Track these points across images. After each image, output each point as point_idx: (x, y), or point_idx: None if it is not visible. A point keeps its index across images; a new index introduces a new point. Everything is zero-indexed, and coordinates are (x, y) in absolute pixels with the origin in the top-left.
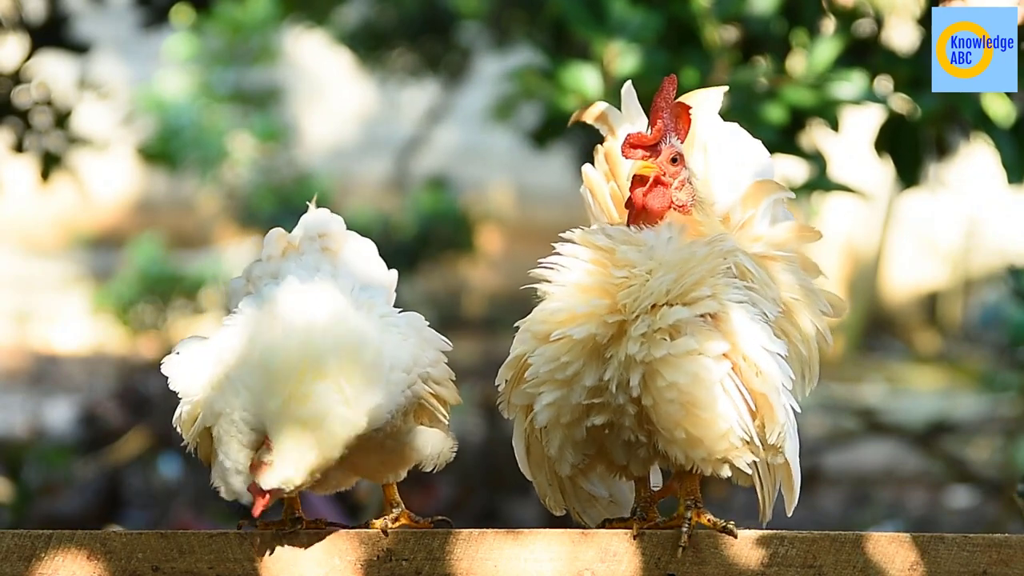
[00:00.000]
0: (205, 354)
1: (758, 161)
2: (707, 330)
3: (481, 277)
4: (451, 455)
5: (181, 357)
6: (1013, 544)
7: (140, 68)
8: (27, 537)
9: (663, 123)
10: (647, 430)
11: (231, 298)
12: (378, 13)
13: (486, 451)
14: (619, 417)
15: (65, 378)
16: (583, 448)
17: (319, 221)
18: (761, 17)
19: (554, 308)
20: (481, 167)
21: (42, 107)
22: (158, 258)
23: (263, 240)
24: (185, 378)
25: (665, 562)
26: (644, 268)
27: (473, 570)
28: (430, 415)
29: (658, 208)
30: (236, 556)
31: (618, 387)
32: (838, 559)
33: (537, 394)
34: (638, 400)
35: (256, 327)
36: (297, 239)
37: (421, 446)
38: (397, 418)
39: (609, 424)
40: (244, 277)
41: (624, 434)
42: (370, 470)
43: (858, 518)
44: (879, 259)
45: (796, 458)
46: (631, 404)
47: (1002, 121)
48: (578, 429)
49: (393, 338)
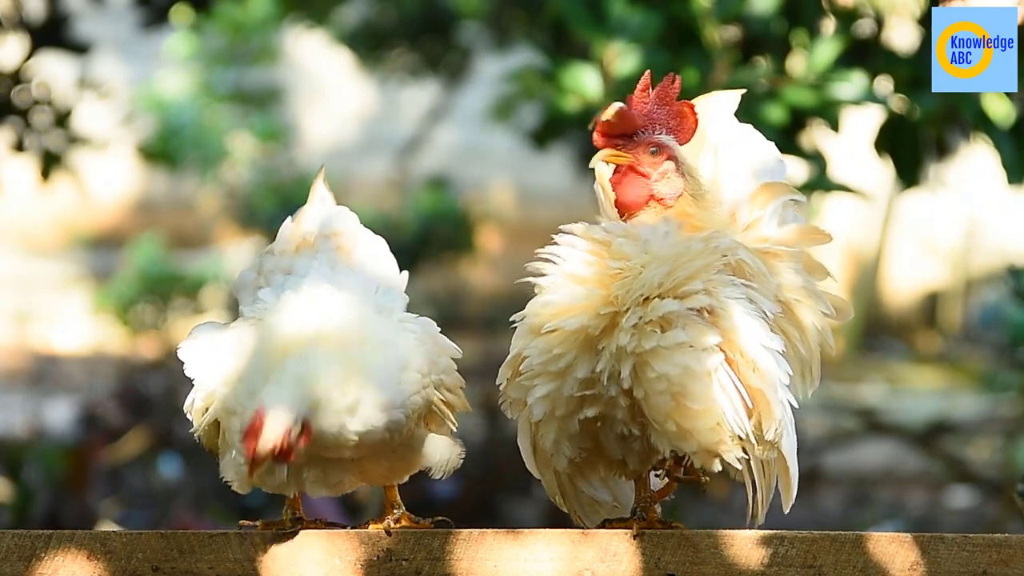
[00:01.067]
0: (222, 344)
1: (768, 163)
2: (699, 323)
3: (481, 277)
4: (459, 462)
5: (199, 343)
6: (1013, 544)
7: (140, 68)
8: (27, 537)
9: (644, 113)
10: (640, 423)
11: (240, 290)
12: (378, 13)
13: (486, 451)
14: (612, 409)
15: (65, 378)
16: (578, 442)
17: (334, 218)
18: (761, 17)
19: (547, 300)
20: (481, 167)
21: (42, 107)
22: (158, 258)
23: (277, 233)
24: (201, 366)
25: (665, 562)
26: (639, 261)
27: (473, 570)
28: (438, 421)
29: (631, 199)
30: (236, 556)
31: (609, 378)
32: (838, 559)
33: (531, 386)
34: (630, 392)
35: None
36: (312, 236)
37: (431, 453)
38: (412, 420)
39: (602, 417)
40: (255, 270)
41: (617, 427)
42: (378, 476)
43: (858, 518)
44: (879, 259)
45: (794, 454)
46: (623, 396)
47: (1002, 121)
48: (571, 422)
49: (409, 342)
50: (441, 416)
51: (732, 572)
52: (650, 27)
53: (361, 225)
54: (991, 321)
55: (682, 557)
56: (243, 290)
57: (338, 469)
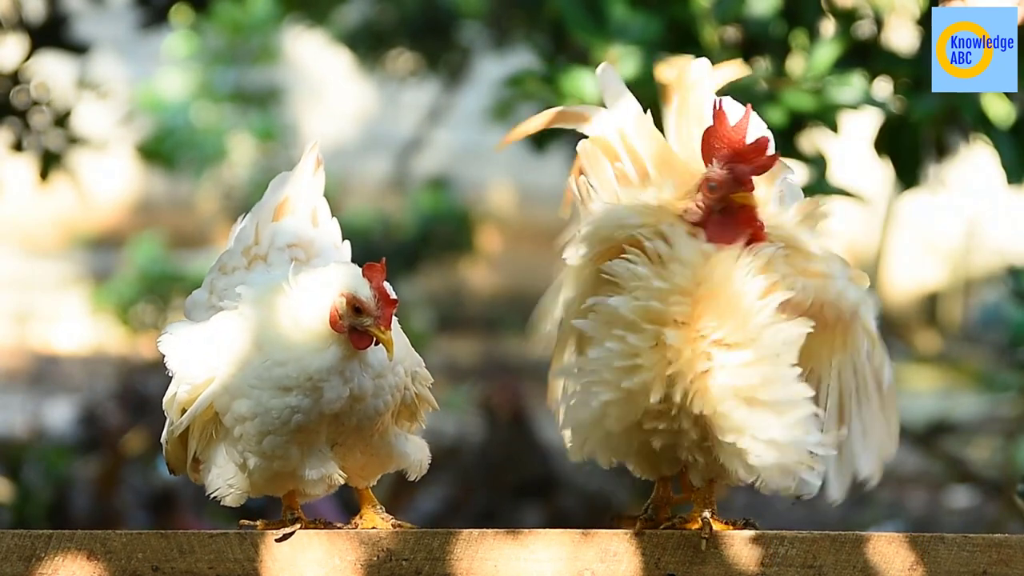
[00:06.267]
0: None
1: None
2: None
3: (481, 277)
4: (427, 466)
5: (179, 337)
6: (1013, 544)
7: (140, 68)
8: (27, 537)
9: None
10: (705, 448)
11: (192, 311)
12: (378, 13)
13: (486, 451)
14: (678, 439)
15: (65, 378)
16: (621, 456)
17: (288, 230)
18: (761, 19)
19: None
20: (481, 167)
21: (41, 107)
22: (158, 258)
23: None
24: (186, 358)
25: (665, 562)
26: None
27: (473, 570)
28: (410, 417)
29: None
30: (236, 556)
31: (681, 411)
32: (838, 559)
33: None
34: (699, 421)
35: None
36: (264, 250)
37: (408, 452)
38: (393, 408)
39: (665, 446)
40: (206, 289)
41: (681, 454)
42: (354, 470)
43: (858, 518)
44: (879, 259)
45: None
46: (694, 429)
47: (1002, 121)
48: (629, 443)
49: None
50: (413, 410)
51: (732, 572)
52: (651, 30)
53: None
54: (991, 321)
55: (682, 557)
56: (195, 310)
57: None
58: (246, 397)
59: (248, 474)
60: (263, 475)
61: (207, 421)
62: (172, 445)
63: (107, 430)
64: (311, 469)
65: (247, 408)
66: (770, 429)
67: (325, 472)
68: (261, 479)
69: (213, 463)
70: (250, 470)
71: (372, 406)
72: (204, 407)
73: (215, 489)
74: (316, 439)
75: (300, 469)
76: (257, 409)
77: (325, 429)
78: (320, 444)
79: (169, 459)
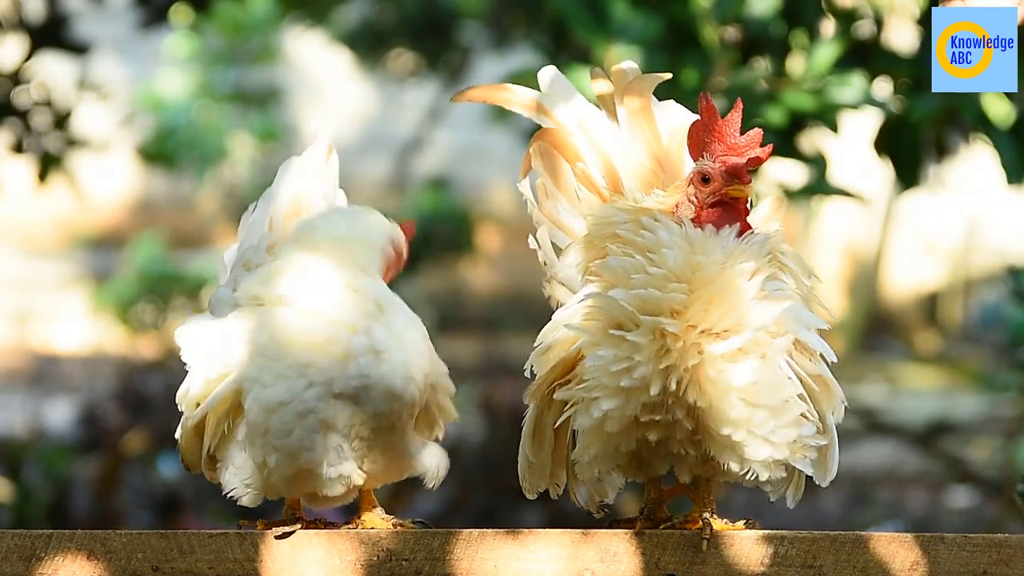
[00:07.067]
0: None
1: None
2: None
3: (481, 277)
4: (444, 472)
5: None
6: (1013, 544)
7: (140, 68)
8: (27, 537)
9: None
10: (697, 441)
11: (216, 307)
12: (378, 13)
13: (486, 451)
14: (672, 432)
15: (65, 378)
16: (619, 459)
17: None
18: (761, 18)
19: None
20: (481, 167)
21: (41, 108)
22: (158, 258)
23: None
24: (204, 350)
25: (665, 562)
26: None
27: (473, 570)
28: (430, 424)
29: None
30: (236, 556)
31: (675, 401)
32: (838, 559)
33: (592, 399)
34: (692, 413)
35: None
36: (280, 238)
37: (426, 458)
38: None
39: (659, 440)
40: (230, 286)
41: (674, 447)
42: (370, 472)
43: (858, 518)
44: (879, 259)
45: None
46: (688, 419)
47: (1002, 121)
48: (627, 440)
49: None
50: (433, 419)
51: (732, 572)
52: (652, 30)
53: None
54: (991, 321)
55: (682, 557)
56: (219, 307)
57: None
58: (269, 388)
59: (267, 474)
60: (283, 474)
61: (221, 416)
62: (187, 440)
63: (107, 430)
64: (330, 466)
65: (265, 399)
66: (766, 425)
67: (343, 471)
68: (280, 479)
69: (231, 462)
70: (270, 469)
71: (382, 387)
72: (219, 401)
73: (232, 488)
74: (334, 424)
75: (320, 467)
76: (285, 396)
77: (343, 414)
78: (338, 435)
79: (184, 455)
